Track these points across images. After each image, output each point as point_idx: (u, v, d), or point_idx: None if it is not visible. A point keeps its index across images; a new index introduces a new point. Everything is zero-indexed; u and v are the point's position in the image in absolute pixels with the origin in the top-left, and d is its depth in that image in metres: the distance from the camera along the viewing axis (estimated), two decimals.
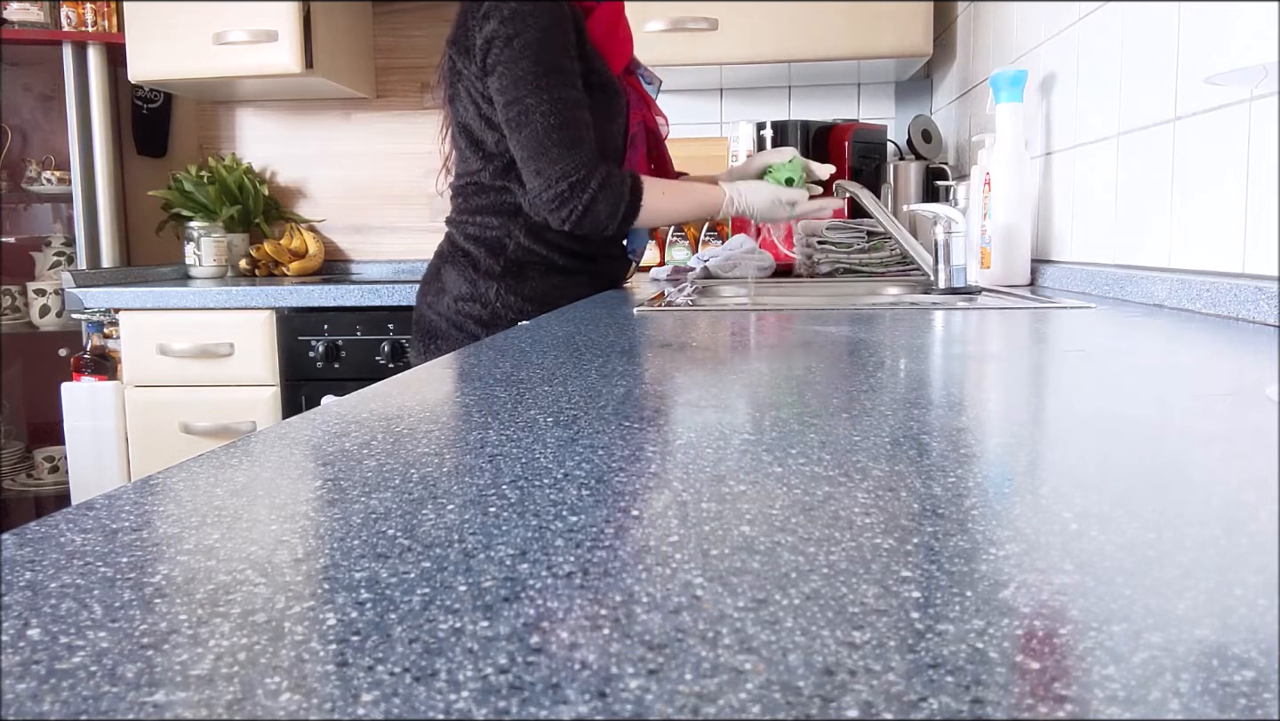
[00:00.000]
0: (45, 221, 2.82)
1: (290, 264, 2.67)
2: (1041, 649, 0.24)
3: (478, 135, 1.47)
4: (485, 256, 1.49)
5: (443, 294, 1.52)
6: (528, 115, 1.38)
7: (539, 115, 1.37)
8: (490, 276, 1.48)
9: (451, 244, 1.54)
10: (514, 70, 1.37)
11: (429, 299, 1.54)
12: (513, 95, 1.38)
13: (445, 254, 1.55)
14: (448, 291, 1.51)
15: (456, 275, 1.51)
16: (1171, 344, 0.87)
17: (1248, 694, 0.21)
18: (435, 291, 1.53)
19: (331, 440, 0.49)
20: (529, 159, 1.40)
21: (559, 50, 1.39)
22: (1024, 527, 0.33)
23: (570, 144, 1.38)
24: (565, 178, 1.38)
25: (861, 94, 2.60)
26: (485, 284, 1.48)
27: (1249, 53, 1.00)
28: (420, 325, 1.56)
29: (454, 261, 1.52)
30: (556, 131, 1.38)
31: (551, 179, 1.39)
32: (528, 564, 0.30)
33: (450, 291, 1.51)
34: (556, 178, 1.39)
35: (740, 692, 0.22)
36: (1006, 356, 0.82)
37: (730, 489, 0.39)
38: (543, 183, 1.40)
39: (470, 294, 1.49)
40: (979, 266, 1.65)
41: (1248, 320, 0.97)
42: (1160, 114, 1.21)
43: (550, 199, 1.40)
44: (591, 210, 1.40)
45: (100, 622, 0.26)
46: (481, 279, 1.49)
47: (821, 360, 0.78)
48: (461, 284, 1.50)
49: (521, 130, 1.39)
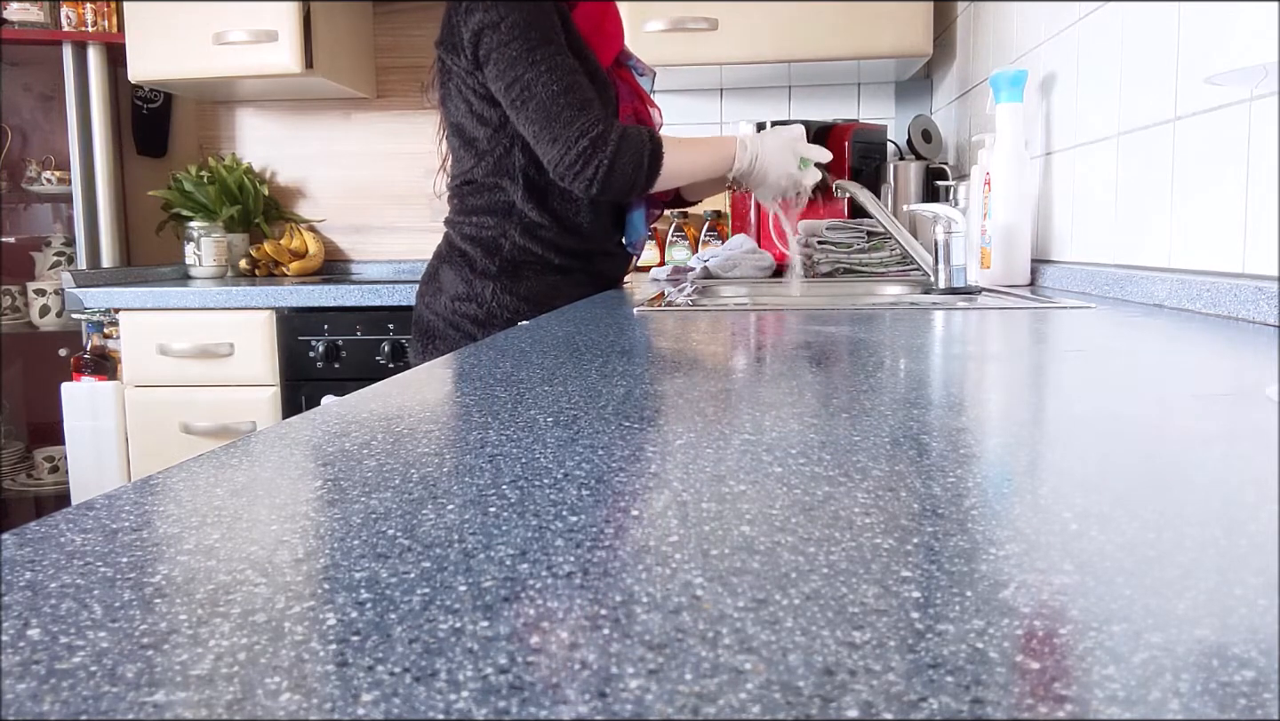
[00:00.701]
0: (45, 221, 2.82)
1: (290, 264, 2.67)
2: (1041, 649, 0.24)
3: (470, 133, 1.48)
4: (481, 256, 1.49)
5: (440, 294, 1.52)
6: (530, 89, 1.36)
7: (540, 86, 1.35)
8: (486, 276, 1.49)
9: (449, 244, 1.55)
10: (507, 53, 1.36)
11: (427, 299, 1.55)
12: (511, 77, 1.37)
13: (443, 254, 1.56)
14: (445, 291, 1.52)
15: (453, 275, 1.52)
16: (1171, 344, 0.87)
17: (1248, 694, 0.21)
18: (433, 291, 1.54)
19: (331, 440, 0.49)
20: (541, 130, 1.37)
21: (548, 28, 1.38)
22: (1024, 527, 0.33)
23: (580, 105, 1.36)
24: (584, 135, 1.35)
25: (861, 94, 2.60)
26: (481, 284, 1.49)
27: (1249, 53, 1.00)
28: (419, 325, 1.57)
29: (451, 261, 1.53)
30: (563, 96, 1.35)
31: (570, 140, 1.35)
32: (528, 564, 0.30)
33: (447, 291, 1.51)
34: (575, 137, 1.35)
35: (740, 692, 0.22)
36: (1006, 356, 0.82)
37: (730, 489, 0.39)
38: (561, 148, 1.36)
39: (466, 294, 1.50)
40: (979, 266, 1.65)
41: (1248, 320, 0.97)
42: (1160, 114, 1.21)
43: (572, 160, 1.36)
44: (617, 165, 1.37)
45: (100, 622, 0.26)
46: (477, 279, 1.49)
47: (821, 360, 0.78)
48: (458, 284, 1.51)
49: (527, 105, 1.36)
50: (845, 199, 2.14)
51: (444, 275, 1.53)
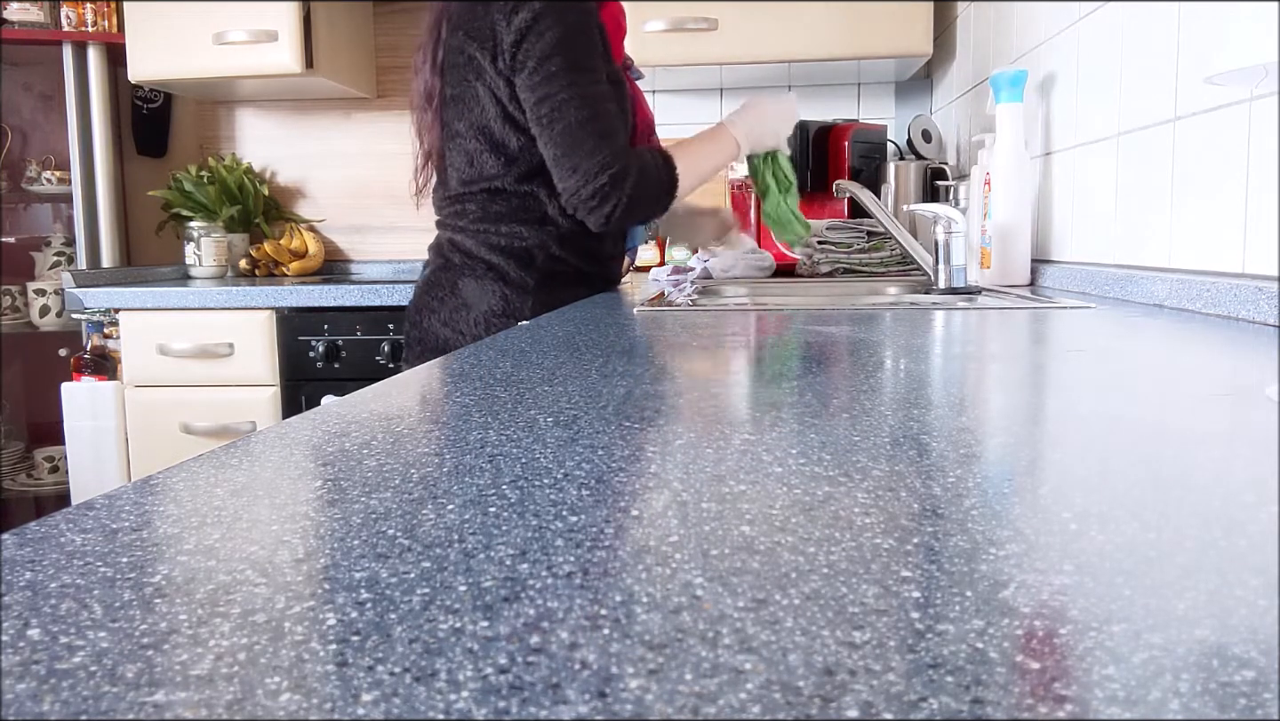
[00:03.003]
0: (45, 221, 2.82)
1: (290, 264, 2.67)
2: (1041, 649, 0.24)
3: (499, 137, 1.39)
4: (515, 268, 1.41)
5: (465, 309, 1.42)
6: (560, 110, 1.33)
7: (572, 110, 1.33)
8: (524, 290, 1.41)
9: (465, 255, 1.44)
10: (547, 67, 1.32)
11: (443, 315, 1.43)
12: (545, 92, 1.33)
13: (457, 265, 1.44)
14: (472, 307, 1.41)
15: (480, 289, 1.42)
16: (1172, 344, 0.87)
17: (1248, 694, 0.21)
18: (452, 307, 1.43)
19: (331, 440, 0.49)
20: (563, 155, 1.34)
21: (589, 45, 1.36)
22: (1024, 527, 0.33)
23: (604, 134, 1.34)
24: (605, 169, 1.33)
25: (861, 94, 2.60)
26: (520, 299, 1.40)
27: (1249, 53, 1.00)
28: (432, 345, 1.44)
29: (474, 274, 1.43)
30: (591, 123, 1.33)
31: (589, 173, 1.33)
32: (528, 564, 0.30)
33: (476, 307, 1.41)
34: (595, 171, 1.33)
35: (740, 692, 0.22)
36: (1006, 356, 0.82)
37: (730, 489, 0.39)
38: (579, 179, 1.34)
39: (503, 309, 1.40)
40: (979, 266, 1.65)
41: (1248, 320, 0.97)
42: (1160, 114, 1.21)
43: (588, 196, 1.34)
44: (635, 201, 1.36)
45: (100, 622, 0.26)
46: (514, 293, 1.41)
47: (821, 360, 0.78)
48: (491, 299, 1.41)
49: (554, 125, 1.33)
50: (845, 199, 2.14)
51: (466, 289, 1.42)
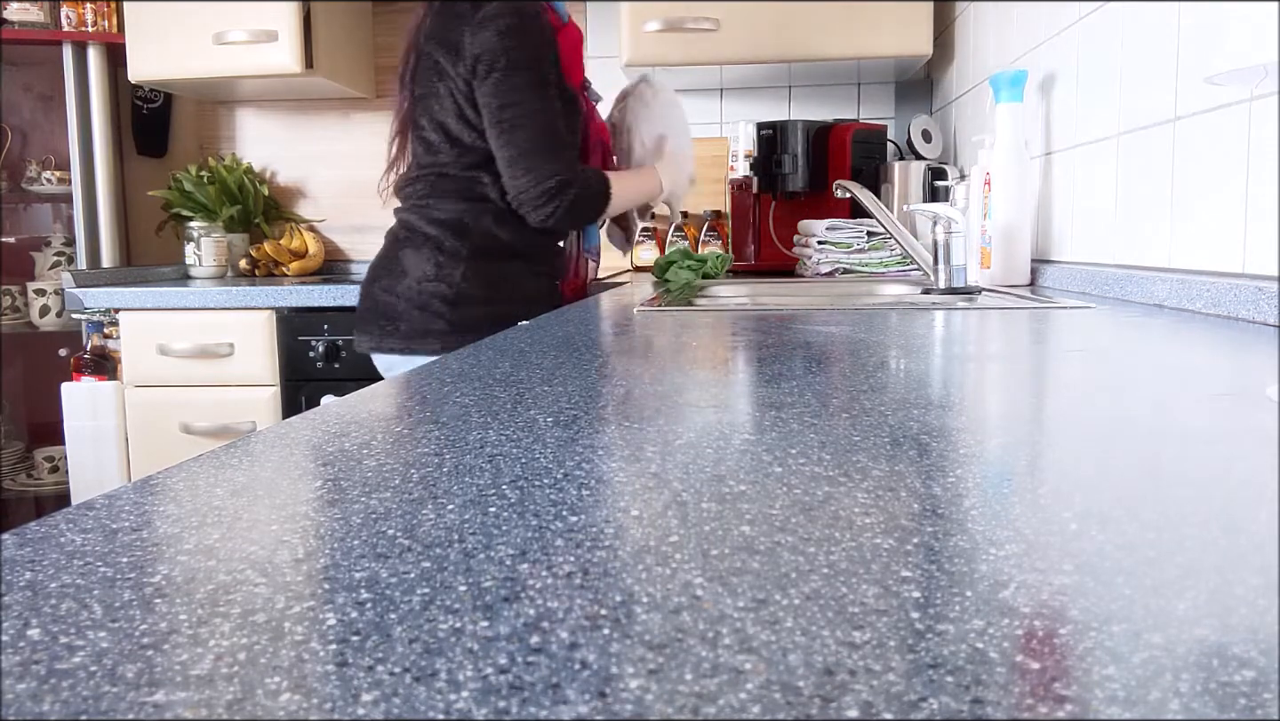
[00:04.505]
0: (45, 221, 2.82)
1: (290, 264, 2.67)
2: (1041, 649, 0.24)
3: (454, 132, 1.56)
4: (450, 238, 1.56)
5: (402, 276, 1.57)
6: (522, 119, 1.51)
7: (533, 120, 1.52)
8: (456, 258, 1.56)
9: (408, 229, 1.60)
10: (513, 79, 1.51)
11: (383, 283, 1.60)
12: (510, 99, 1.51)
13: (401, 239, 1.61)
14: (409, 274, 1.57)
15: (418, 257, 1.57)
16: (1172, 344, 0.87)
17: (1248, 694, 0.21)
18: (393, 275, 1.59)
19: (331, 440, 0.49)
20: (519, 157, 1.52)
21: (546, 66, 1.54)
22: (1024, 528, 0.33)
23: (558, 148, 1.54)
24: (555, 175, 1.52)
25: (861, 94, 2.60)
26: (452, 265, 1.56)
27: (1249, 53, 1.00)
28: (373, 310, 1.61)
29: (414, 245, 1.58)
30: (548, 136, 1.53)
31: (541, 176, 1.52)
32: (528, 564, 0.30)
33: (412, 273, 1.57)
34: (546, 175, 1.52)
35: (740, 692, 0.22)
36: (1006, 357, 0.82)
37: (730, 489, 0.39)
38: (531, 180, 1.52)
39: (435, 275, 1.55)
40: (979, 266, 1.65)
41: (1248, 320, 0.97)
42: (1160, 114, 1.21)
43: (536, 195, 1.52)
44: (574, 208, 1.55)
45: (100, 622, 0.26)
46: (447, 260, 1.56)
47: (821, 360, 0.78)
48: (424, 265, 1.56)
49: (515, 131, 1.52)
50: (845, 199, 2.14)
51: (406, 258, 1.58)
